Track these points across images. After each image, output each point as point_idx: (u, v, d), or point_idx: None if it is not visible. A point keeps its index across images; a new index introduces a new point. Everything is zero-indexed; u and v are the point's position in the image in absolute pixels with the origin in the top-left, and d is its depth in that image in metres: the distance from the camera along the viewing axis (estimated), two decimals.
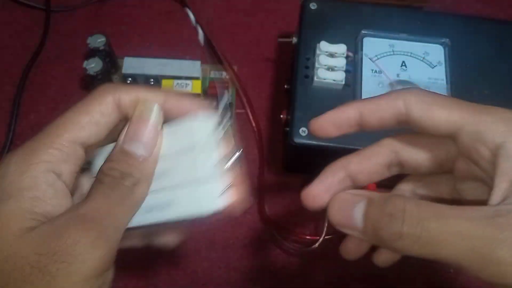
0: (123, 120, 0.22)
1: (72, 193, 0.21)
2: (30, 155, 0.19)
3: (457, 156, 0.22)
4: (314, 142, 0.36)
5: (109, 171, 0.20)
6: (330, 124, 0.23)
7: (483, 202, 0.19)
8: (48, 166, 0.19)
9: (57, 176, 0.20)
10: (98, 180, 0.20)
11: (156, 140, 0.22)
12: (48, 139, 0.20)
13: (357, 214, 0.20)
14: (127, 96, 0.21)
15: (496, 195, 0.18)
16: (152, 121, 0.21)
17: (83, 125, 0.20)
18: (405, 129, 0.22)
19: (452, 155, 0.22)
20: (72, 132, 0.20)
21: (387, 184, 0.46)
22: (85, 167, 0.23)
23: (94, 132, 0.21)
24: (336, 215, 0.22)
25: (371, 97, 0.22)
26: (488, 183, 0.20)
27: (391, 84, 0.38)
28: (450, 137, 0.21)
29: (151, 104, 0.21)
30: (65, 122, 0.20)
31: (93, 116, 0.21)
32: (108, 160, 0.21)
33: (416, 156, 0.23)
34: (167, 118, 0.23)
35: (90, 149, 0.22)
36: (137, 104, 0.21)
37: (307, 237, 0.41)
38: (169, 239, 0.26)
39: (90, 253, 0.17)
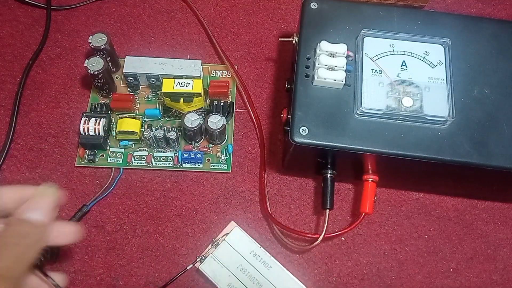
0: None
1: None
2: None
3: None
4: (314, 142, 0.36)
5: (12, 232, 0.27)
6: None
7: None
8: None
9: None
10: (4, 242, 0.26)
11: (50, 210, 0.28)
12: None
13: None
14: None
15: None
16: (47, 195, 0.29)
17: None
18: None
19: None
20: None
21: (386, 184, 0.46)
22: None
23: None
24: None
25: None
26: None
27: (391, 84, 0.38)
28: None
29: (48, 187, 0.29)
30: None
31: None
32: (10, 224, 0.27)
33: None
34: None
35: None
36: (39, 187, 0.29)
37: (308, 235, 0.41)
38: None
39: None
